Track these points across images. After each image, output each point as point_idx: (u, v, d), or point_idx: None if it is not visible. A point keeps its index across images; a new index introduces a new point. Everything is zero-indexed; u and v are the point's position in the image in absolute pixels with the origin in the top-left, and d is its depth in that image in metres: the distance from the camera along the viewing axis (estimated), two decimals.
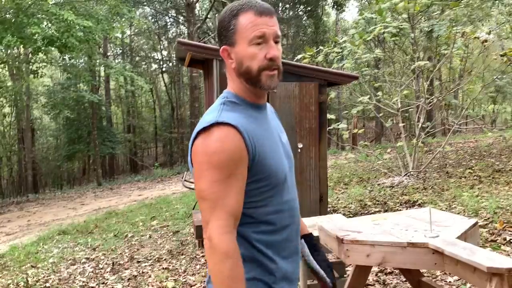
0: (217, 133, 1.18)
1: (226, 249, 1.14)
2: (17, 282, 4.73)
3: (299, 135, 5.20)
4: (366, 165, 11.01)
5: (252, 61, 1.24)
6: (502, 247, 3.93)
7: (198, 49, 5.09)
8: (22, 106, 20.59)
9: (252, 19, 1.23)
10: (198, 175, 1.20)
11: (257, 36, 1.22)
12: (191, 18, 18.68)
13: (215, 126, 1.19)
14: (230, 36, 1.26)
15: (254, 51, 1.23)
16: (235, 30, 1.24)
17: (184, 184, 6.24)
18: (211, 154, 1.17)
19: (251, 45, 1.23)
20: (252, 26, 1.22)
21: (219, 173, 1.16)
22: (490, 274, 1.62)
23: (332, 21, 26.77)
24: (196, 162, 1.21)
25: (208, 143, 1.19)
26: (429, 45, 8.40)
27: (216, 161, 1.16)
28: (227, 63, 1.31)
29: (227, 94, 1.32)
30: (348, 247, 2.04)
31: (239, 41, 1.24)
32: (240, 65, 1.26)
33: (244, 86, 1.29)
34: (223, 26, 1.28)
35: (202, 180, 1.18)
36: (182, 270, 4.53)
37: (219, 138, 1.18)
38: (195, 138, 1.23)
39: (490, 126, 18.83)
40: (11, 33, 10.87)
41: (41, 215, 10.84)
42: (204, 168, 1.18)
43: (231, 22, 1.25)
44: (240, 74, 1.28)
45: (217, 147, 1.17)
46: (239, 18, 1.24)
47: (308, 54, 8.41)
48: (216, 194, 1.16)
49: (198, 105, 19.62)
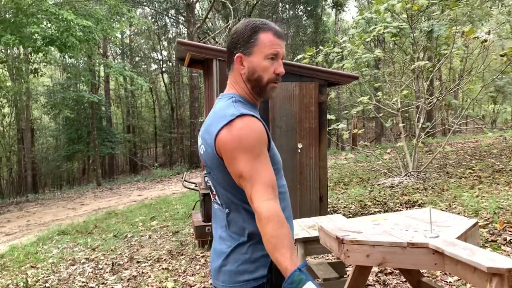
0: (241, 122, 1.36)
1: (268, 214, 1.30)
2: (16, 282, 4.72)
3: (299, 135, 5.20)
4: (366, 166, 11.01)
5: (264, 73, 1.46)
6: (502, 247, 3.93)
7: (197, 49, 5.08)
8: (22, 106, 20.58)
9: (272, 38, 1.45)
10: (232, 161, 1.36)
11: (273, 53, 1.45)
12: (191, 18, 18.68)
13: (238, 118, 1.36)
14: (249, 47, 1.45)
15: (267, 64, 1.45)
16: (255, 43, 1.45)
17: (184, 184, 6.24)
18: (241, 140, 1.34)
19: (266, 59, 1.45)
20: (271, 44, 1.45)
21: (251, 154, 1.34)
22: (490, 275, 1.62)
23: (332, 21, 26.77)
24: (227, 151, 1.37)
25: (236, 131, 1.35)
26: (429, 45, 8.39)
27: (246, 144, 1.34)
28: (237, 68, 1.49)
29: (233, 95, 1.49)
30: (348, 247, 2.03)
31: (256, 53, 1.45)
32: (251, 73, 1.46)
33: (248, 90, 1.49)
34: (242, 37, 1.46)
35: (238, 163, 1.35)
36: (181, 271, 4.53)
37: (245, 126, 1.36)
38: (220, 130, 1.38)
39: (490, 126, 18.83)
40: (10, 32, 10.86)
41: (41, 215, 10.84)
42: (237, 153, 1.35)
43: (252, 36, 1.45)
44: (249, 81, 1.48)
45: (244, 133, 1.35)
46: (260, 34, 1.45)
47: (308, 54, 8.40)
48: (252, 172, 1.34)
49: (198, 105, 19.61)
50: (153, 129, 29.60)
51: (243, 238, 1.43)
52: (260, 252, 1.41)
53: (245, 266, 1.42)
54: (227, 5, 19.10)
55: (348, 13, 36.41)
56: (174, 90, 27.80)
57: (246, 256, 1.42)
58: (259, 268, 1.41)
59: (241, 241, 1.43)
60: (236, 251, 1.44)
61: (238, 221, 1.45)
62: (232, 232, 1.46)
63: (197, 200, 6.74)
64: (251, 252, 1.41)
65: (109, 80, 24.13)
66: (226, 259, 1.45)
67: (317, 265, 3.49)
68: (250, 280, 1.41)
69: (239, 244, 1.44)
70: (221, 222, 1.52)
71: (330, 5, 22.25)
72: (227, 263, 1.45)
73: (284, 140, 5.16)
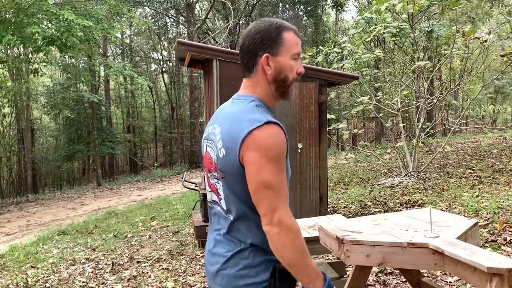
0: (270, 130, 1.33)
1: (297, 228, 1.34)
2: (16, 282, 4.72)
3: (299, 135, 5.20)
4: (366, 166, 11.01)
5: (290, 72, 1.45)
6: (502, 247, 3.93)
7: (198, 49, 5.08)
8: (22, 106, 20.57)
9: (295, 37, 1.45)
10: (259, 168, 1.32)
11: (297, 53, 1.45)
12: (191, 18, 18.68)
13: (266, 124, 1.33)
14: (276, 46, 1.42)
15: (293, 64, 1.45)
16: (282, 43, 1.42)
17: (184, 184, 6.23)
18: (269, 149, 1.32)
19: (292, 59, 1.44)
20: (295, 44, 1.45)
21: (278, 165, 1.33)
22: (490, 275, 1.62)
23: (332, 21, 26.78)
24: (252, 157, 1.33)
25: (264, 139, 1.32)
26: (429, 45, 8.39)
27: (274, 154, 1.32)
28: (265, 69, 1.44)
29: (253, 98, 1.45)
30: (348, 247, 2.03)
31: (284, 53, 1.43)
32: (279, 73, 1.44)
33: (271, 92, 1.47)
34: (268, 36, 1.43)
35: (266, 172, 1.32)
36: (182, 271, 4.53)
37: (273, 134, 1.33)
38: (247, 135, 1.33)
39: (490, 126, 18.84)
40: (11, 32, 10.87)
41: (41, 216, 10.84)
42: (265, 161, 1.32)
43: (279, 35, 1.43)
44: (275, 81, 1.45)
45: (274, 142, 1.33)
46: (284, 34, 1.43)
47: (308, 54, 8.40)
48: (280, 184, 1.33)
49: (198, 105, 19.61)
50: (153, 129, 29.61)
51: (245, 245, 1.42)
52: (261, 257, 1.41)
53: (246, 271, 1.41)
54: (227, 5, 19.11)
55: (348, 13, 36.48)
56: (174, 90, 27.80)
57: (248, 261, 1.41)
58: (259, 273, 1.40)
59: (243, 247, 1.42)
60: (236, 256, 1.43)
61: (243, 229, 1.43)
62: (233, 237, 1.45)
63: (197, 200, 6.74)
64: (253, 257, 1.41)
65: (109, 80, 24.13)
66: (226, 263, 1.44)
67: (317, 265, 3.49)
68: (250, 285, 1.40)
69: (240, 249, 1.42)
70: (219, 226, 1.50)
71: (330, 5, 22.25)
72: (226, 267, 1.44)
73: None
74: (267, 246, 1.38)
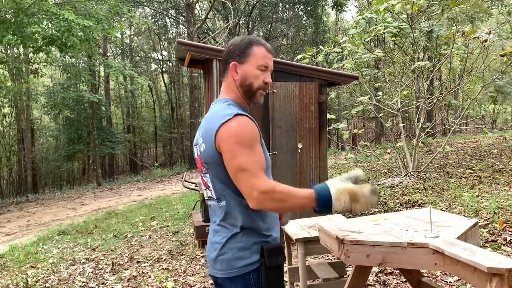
0: (238, 121, 1.54)
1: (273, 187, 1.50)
2: (16, 282, 4.72)
3: (299, 135, 5.20)
4: (366, 165, 11.01)
5: (254, 80, 1.67)
6: (502, 247, 3.93)
7: (198, 49, 5.08)
8: (22, 106, 20.56)
9: (264, 52, 1.68)
10: (233, 154, 1.52)
11: (264, 65, 1.67)
12: (191, 18, 18.68)
13: (234, 117, 1.54)
14: (244, 57, 1.66)
15: (258, 73, 1.67)
16: (249, 54, 1.66)
17: (184, 184, 6.23)
18: (240, 136, 1.52)
19: (257, 69, 1.66)
20: (263, 57, 1.67)
21: (248, 148, 1.53)
22: (490, 275, 1.61)
23: (332, 21, 26.78)
24: (226, 145, 1.53)
25: (234, 129, 1.53)
26: (429, 45, 8.39)
27: (245, 140, 1.53)
28: (232, 75, 1.68)
29: (227, 99, 1.68)
30: (348, 247, 2.03)
31: (250, 63, 1.66)
32: (244, 80, 1.67)
33: (241, 95, 1.69)
34: (239, 48, 1.67)
35: (240, 157, 1.51)
36: (182, 271, 4.53)
37: (241, 124, 1.54)
38: (219, 128, 1.54)
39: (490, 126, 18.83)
40: (11, 32, 10.87)
41: (41, 216, 10.84)
42: (236, 147, 1.52)
43: (247, 48, 1.67)
44: (241, 86, 1.68)
45: (241, 130, 1.53)
46: (254, 47, 1.67)
47: (308, 54, 8.40)
48: (253, 165, 1.51)
49: (198, 105, 19.61)
50: (153, 129, 29.60)
51: (236, 229, 1.60)
52: (252, 239, 1.60)
53: (241, 253, 1.59)
54: (227, 5, 19.11)
55: (348, 13, 36.47)
56: (174, 90, 27.79)
57: (241, 244, 1.59)
58: (252, 254, 1.59)
59: (235, 232, 1.60)
60: (230, 241, 1.60)
61: (233, 213, 1.61)
62: (226, 223, 1.62)
63: (197, 200, 6.74)
64: (245, 240, 1.59)
65: (109, 80, 24.13)
66: (222, 249, 1.61)
67: (317, 265, 3.49)
68: (246, 266, 1.59)
69: (233, 234, 1.60)
70: (216, 217, 1.67)
71: (330, 5, 22.24)
72: (223, 253, 1.61)
73: (284, 140, 5.16)
74: (257, 226, 1.61)
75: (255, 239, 1.61)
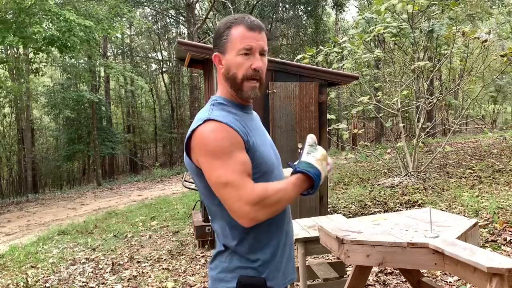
0: (208, 127, 1.32)
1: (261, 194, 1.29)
2: (16, 282, 4.72)
3: (299, 135, 5.20)
4: (366, 166, 11.00)
5: (238, 69, 1.39)
6: (502, 247, 3.93)
7: (198, 49, 5.08)
8: (22, 106, 20.57)
9: (243, 32, 1.38)
10: (209, 169, 1.32)
11: (245, 48, 1.37)
12: (191, 18, 18.68)
13: (205, 122, 1.33)
14: (223, 44, 1.41)
15: (240, 60, 1.38)
16: (227, 40, 1.40)
17: (184, 184, 6.23)
18: (208, 145, 1.31)
19: (238, 55, 1.38)
20: (242, 39, 1.38)
21: (223, 158, 1.29)
22: (490, 275, 1.62)
23: (332, 21, 26.77)
24: (199, 157, 1.33)
25: (202, 137, 1.32)
26: (429, 45, 8.38)
27: (215, 150, 1.30)
28: (218, 68, 1.45)
29: (216, 97, 1.46)
30: (348, 247, 2.03)
31: (229, 50, 1.39)
32: (227, 71, 1.41)
33: (231, 90, 1.44)
34: (217, 35, 1.43)
35: (216, 171, 1.30)
36: (182, 270, 4.53)
37: (211, 130, 1.31)
38: (189, 137, 1.36)
39: (490, 126, 18.83)
40: (12, 33, 10.87)
41: (41, 215, 10.84)
42: (209, 159, 1.31)
43: (224, 33, 1.40)
44: (227, 79, 1.42)
45: (212, 138, 1.31)
46: (231, 30, 1.39)
47: (308, 54, 8.40)
48: (232, 177, 1.29)
49: (198, 105, 19.59)
50: (153, 129, 29.59)
51: (222, 247, 1.42)
52: (236, 263, 1.39)
53: (223, 275, 1.40)
54: (227, 5, 19.11)
55: (348, 13, 36.46)
56: (174, 90, 27.79)
57: (225, 264, 1.40)
58: (234, 278, 1.38)
59: (221, 249, 1.43)
60: (218, 257, 1.44)
61: (218, 229, 1.44)
62: (217, 237, 1.46)
63: (197, 200, 6.74)
64: (229, 261, 1.40)
65: (109, 80, 24.12)
66: (211, 263, 1.47)
67: (317, 265, 3.49)
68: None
69: (219, 251, 1.44)
70: None
71: (330, 5, 22.24)
72: (211, 268, 1.46)
73: (284, 140, 5.16)
74: (242, 251, 1.38)
75: (238, 263, 1.39)
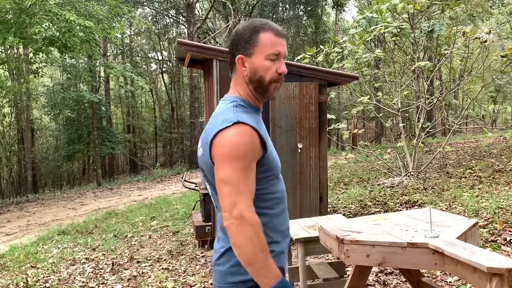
0: (237, 129, 1.36)
1: (258, 225, 1.34)
2: (16, 282, 4.72)
3: (299, 135, 5.20)
4: (366, 166, 11.00)
5: (266, 73, 1.45)
6: (502, 247, 3.93)
7: (198, 49, 5.08)
8: (22, 106, 20.57)
9: (272, 38, 1.45)
10: (221, 164, 1.36)
11: (274, 53, 1.45)
12: (191, 18, 18.67)
13: (235, 124, 1.37)
14: (249, 47, 1.45)
15: (269, 64, 1.45)
16: (255, 44, 1.45)
17: (184, 184, 6.23)
18: (233, 146, 1.35)
19: (267, 59, 1.45)
20: (272, 44, 1.45)
21: (241, 162, 1.34)
22: (490, 274, 1.62)
23: (332, 21, 26.76)
24: (218, 154, 1.37)
25: (231, 138, 1.36)
26: (429, 45, 8.39)
27: (237, 152, 1.34)
28: (239, 70, 1.49)
29: (236, 98, 1.49)
30: (348, 247, 2.03)
31: (257, 54, 1.45)
32: (253, 74, 1.46)
33: (251, 92, 1.49)
34: (243, 37, 1.47)
35: (226, 168, 1.35)
36: (182, 270, 4.53)
37: (240, 133, 1.36)
38: (216, 135, 1.38)
39: (490, 126, 18.83)
40: (13, 33, 10.87)
41: (41, 215, 10.84)
42: (226, 158, 1.35)
43: (252, 36, 1.45)
44: (251, 82, 1.47)
45: (238, 141, 1.35)
46: (260, 35, 1.45)
47: (308, 54, 8.40)
48: (241, 181, 1.34)
49: (198, 105, 19.61)
50: (153, 129, 29.60)
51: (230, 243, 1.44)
52: None
53: (236, 268, 1.42)
54: (227, 5, 19.11)
55: (349, 13, 36.47)
56: (174, 90, 27.79)
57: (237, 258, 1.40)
58: None
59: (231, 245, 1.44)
60: (228, 252, 1.45)
61: None
62: (225, 233, 1.45)
63: (197, 200, 6.74)
64: None
65: (109, 80, 24.11)
66: (219, 259, 1.48)
67: (317, 265, 3.49)
68: (239, 282, 1.43)
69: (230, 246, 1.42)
70: (219, 222, 1.55)
71: (330, 5, 22.24)
72: (219, 263, 1.48)
73: (284, 140, 5.16)
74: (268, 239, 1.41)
75: None
